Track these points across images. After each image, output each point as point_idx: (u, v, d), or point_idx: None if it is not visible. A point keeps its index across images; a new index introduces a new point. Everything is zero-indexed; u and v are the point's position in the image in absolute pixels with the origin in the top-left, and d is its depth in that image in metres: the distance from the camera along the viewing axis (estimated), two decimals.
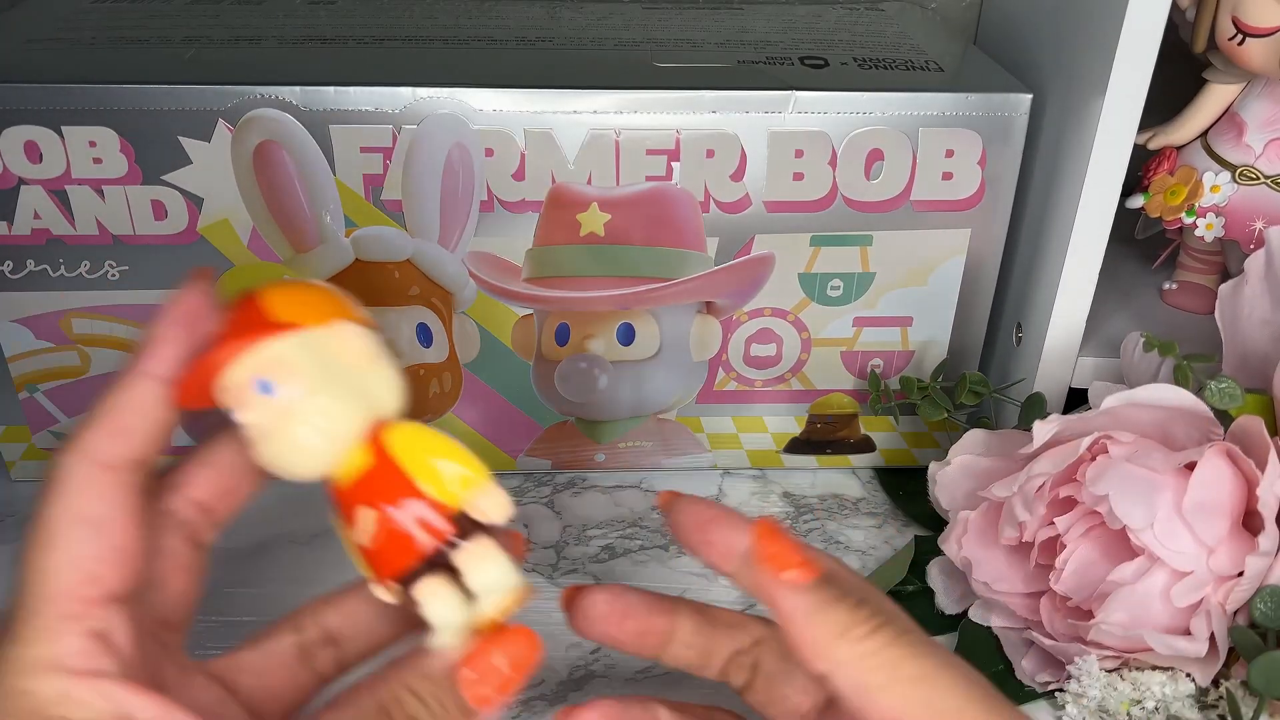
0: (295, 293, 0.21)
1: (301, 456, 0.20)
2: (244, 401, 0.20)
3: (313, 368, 0.20)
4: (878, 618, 0.20)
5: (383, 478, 0.21)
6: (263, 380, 0.20)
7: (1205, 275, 0.43)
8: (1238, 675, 0.31)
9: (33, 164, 0.35)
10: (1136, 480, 0.31)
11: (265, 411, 0.20)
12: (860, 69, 0.38)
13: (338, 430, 0.20)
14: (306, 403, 0.20)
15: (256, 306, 0.21)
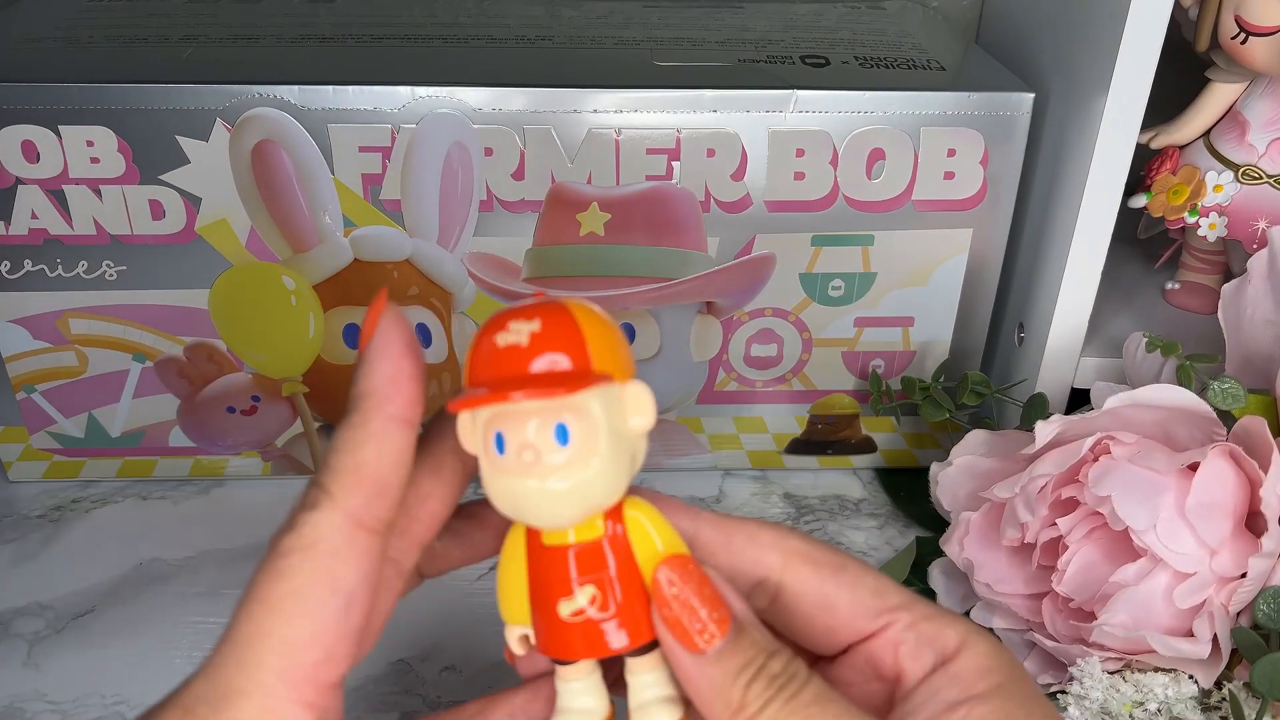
0: (608, 338, 0.19)
1: (555, 514, 0.19)
2: (521, 445, 0.19)
3: (608, 429, 0.19)
4: (779, 680, 0.19)
5: (617, 560, 0.20)
6: (561, 425, 0.19)
7: (1208, 275, 0.43)
8: (1240, 677, 0.31)
9: (30, 164, 0.35)
10: (1139, 481, 0.31)
11: (539, 461, 0.19)
12: (861, 68, 0.38)
13: (603, 500, 0.19)
14: (589, 464, 0.19)
15: (567, 340, 0.19)
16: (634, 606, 0.20)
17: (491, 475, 0.19)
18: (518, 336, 0.19)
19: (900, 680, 0.21)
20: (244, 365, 0.39)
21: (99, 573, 0.38)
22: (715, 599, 0.19)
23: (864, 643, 0.21)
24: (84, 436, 0.41)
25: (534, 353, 0.19)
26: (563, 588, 0.19)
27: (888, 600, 0.21)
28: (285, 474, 0.42)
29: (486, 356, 0.19)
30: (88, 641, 0.35)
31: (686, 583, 0.19)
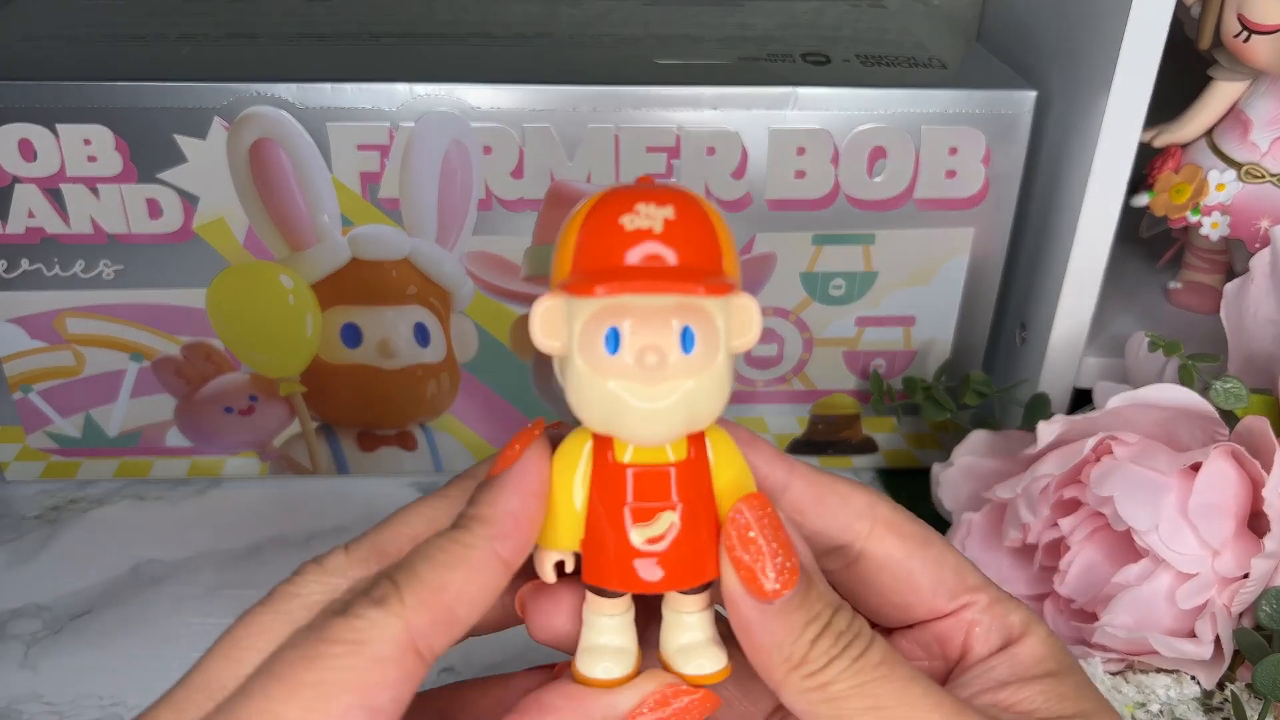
0: (731, 239, 0.18)
1: (658, 427, 0.18)
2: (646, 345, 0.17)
3: (725, 341, 0.17)
4: (844, 638, 0.18)
5: (697, 488, 0.18)
6: (688, 329, 0.17)
7: (1210, 274, 0.43)
8: (1243, 678, 0.31)
9: (27, 162, 0.35)
10: (1141, 482, 0.30)
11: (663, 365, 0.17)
12: (862, 66, 0.37)
13: (706, 418, 0.18)
14: (706, 376, 0.17)
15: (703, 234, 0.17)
16: (704, 540, 0.18)
17: (589, 377, 0.17)
18: (649, 221, 0.17)
19: (963, 659, 0.20)
20: (241, 365, 0.39)
21: (96, 574, 0.38)
22: (788, 545, 0.18)
23: (934, 621, 0.21)
24: (81, 436, 0.40)
25: (670, 242, 0.17)
26: (640, 513, 0.18)
27: (967, 581, 0.20)
28: (283, 474, 0.42)
29: (607, 238, 0.17)
30: (85, 642, 0.35)
31: (763, 525, 0.18)
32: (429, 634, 0.17)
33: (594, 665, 0.19)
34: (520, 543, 0.18)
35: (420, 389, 0.40)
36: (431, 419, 0.41)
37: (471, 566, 0.17)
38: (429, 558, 0.17)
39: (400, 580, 0.17)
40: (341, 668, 0.16)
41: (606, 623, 0.19)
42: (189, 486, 0.42)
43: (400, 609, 0.17)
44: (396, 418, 0.41)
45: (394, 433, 0.41)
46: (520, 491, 0.18)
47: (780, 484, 0.20)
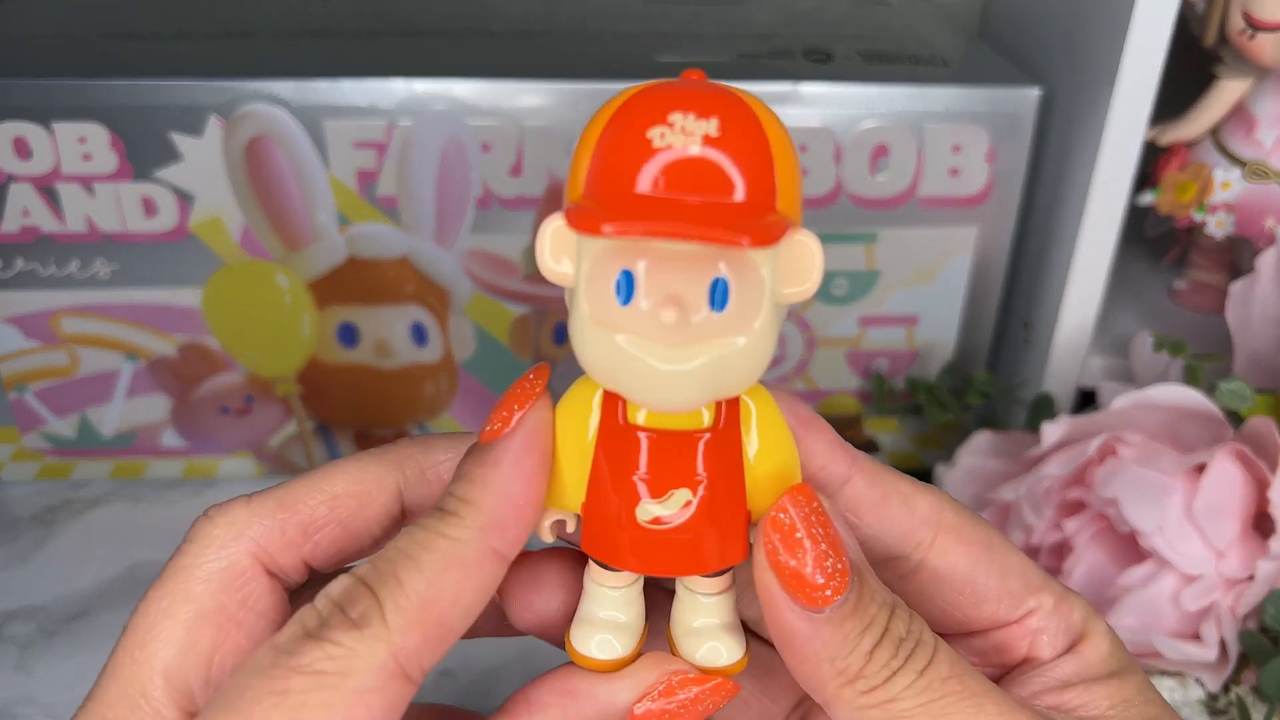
0: (793, 161, 0.15)
1: (676, 394, 0.14)
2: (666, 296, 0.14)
3: (770, 295, 0.14)
4: (905, 646, 0.16)
5: (722, 461, 0.15)
6: (720, 281, 0.14)
7: (1215, 274, 0.43)
8: (1248, 681, 0.31)
9: (21, 160, 0.35)
10: (1146, 483, 0.30)
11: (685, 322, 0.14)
12: (865, 62, 0.37)
13: (738, 386, 0.15)
14: (740, 339, 0.14)
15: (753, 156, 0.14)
16: (726, 522, 0.15)
17: (595, 325, 0.14)
18: (684, 138, 0.13)
19: (1025, 663, 0.18)
20: (237, 365, 0.39)
21: (91, 575, 0.38)
22: (838, 544, 0.15)
23: (996, 629, 0.18)
24: (76, 437, 0.40)
25: (707, 174, 0.13)
26: (650, 486, 0.15)
27: (1032, 584, 0.18)
28: (279, 475, 0.42)
29: (629, 158, 0.13)
30: (80, 645, 0.35)
31: (810, 524, 0.15)
32: (418, 654, 0.14)
33: (588, 640, 0.16)
34: (520, 534, 0.15)
35: (418, 389, 0.40)
36: (429, 419, 0.41)
37: (465, 568, 0.15)
38: (413, 559, 0.15)
39: (383, 596, 0.14)
40: (318, 705, 0.14)
41: (609, 594, 0.16)
42: (185, 488, 0.42)
43: (384, 631, 0.14)
44: (394, 418, 0.41)
45: (391, 433, 0.41)
46: (521, 468, 0.15)
47: (839, 477, 0.18)
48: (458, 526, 0.15)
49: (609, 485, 0.15)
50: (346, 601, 0.15)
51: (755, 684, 0.19)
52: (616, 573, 0.16)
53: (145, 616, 0.16)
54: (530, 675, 0.17)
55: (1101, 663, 0.18)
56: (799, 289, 0.15)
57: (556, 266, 0.14)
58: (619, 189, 0.13)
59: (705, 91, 0.14)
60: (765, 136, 0.14)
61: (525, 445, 0.15)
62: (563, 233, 0.14)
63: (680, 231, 0.13)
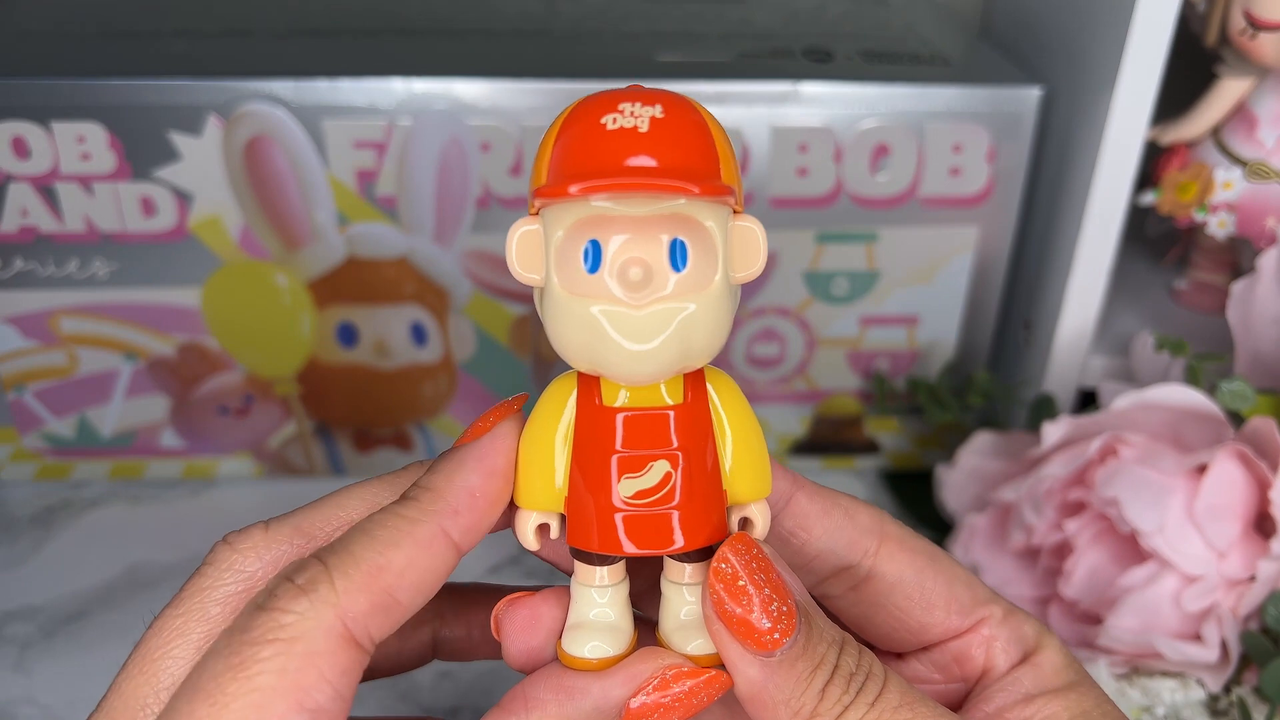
0: (730, 148, 0.16)
1: (646, 359, 0.15)
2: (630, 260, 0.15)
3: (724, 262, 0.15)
4: (856, 680, 0.16)
5: (696, 437, 0.16)
6: (679, 242, 0.15)
7: (1217, 274, 0.43)
8: (1249, 681, 0.30)
9: (20, 160, 0.34)
10: (1147, 483, 0.30)
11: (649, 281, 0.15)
12: (865, 62, 0.37)
13: (703, 352, 0.16)
14: (701, 298, 0.15)
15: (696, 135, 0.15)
16: (705, 496, 0.16)
17: (567, 300, 0.15)
18: (635, 120, 0.15)
19: (984, 676, 0.19)
20: (236, 365, 0.39)
21: (90, 576, 0.38)
22: (782, 588, 0.16)
23: (951, 640, 0.19)
24: (75, 437, 0.40)
25: (658, 145, 0.15)
26: (629, 462, 0.16)
27: (979, 595, 0.19)
28: (278, 475, 0.42)
29: (586, 140, 0.15)
30: (79, 646, 0.35)
31: (752, 571, 0.16)
32: (366, 620, 0.15)
33: (581, 644, 0.17)
34: (474, 523, 0.16)
35: (417, 389, 0.40)
36: (429, 419, 0.41)
37: (416, 543, 0.15)
38: (366, 533, 0.15)
39: (331, 562, 0.15)
40: (271, 671, 0.14)
41: (595, 595, 0.17)
42: (184, 488, 0.42)
43: (332, 595, 0.15)
44: (393, 418, 0.41)
45: (391, 433, 0.41)
46: (482, 467, 0.16)
47: (783, 494, 0.19)
48: (413, 508, 0.16)
49: (590, 467, 0.16)
50: (294, 571, 0.15)
51: (725, 710, 0.20)
52: (602, 570, 0.17)
53: (159, 634, 0.17)
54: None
55: (1057, 674, 0.19)
56: (747, 271, 0.16)
57: (525, 271, 0.16)
58: (580, 166, 0.15)
59: (649, 89, 0.16)
60: (704, 122, 0.16)
61: (490, 447, 0.16)
62: (529, 237, 0.16)
63: (639, 185, 0.14)
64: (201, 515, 0.41)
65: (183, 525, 0.40)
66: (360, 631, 0.15)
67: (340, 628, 0.15)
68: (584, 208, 0.15)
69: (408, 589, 0.15)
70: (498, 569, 0.38)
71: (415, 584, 0.16)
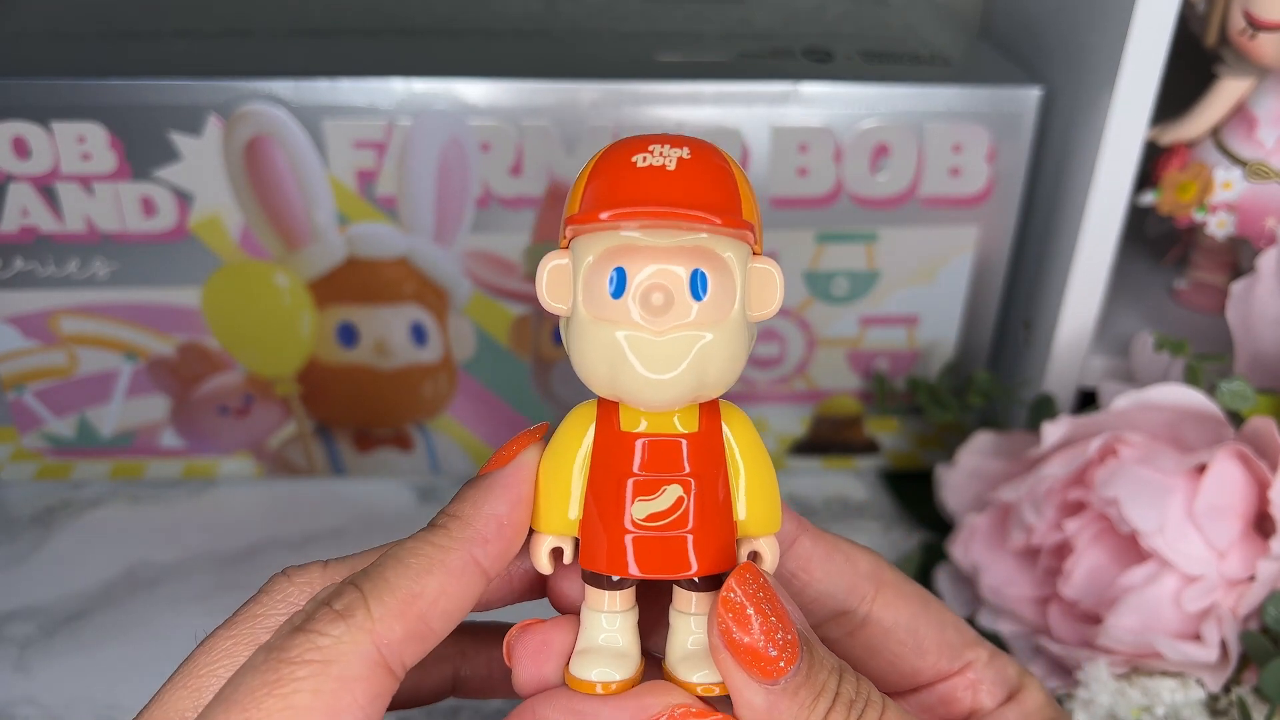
0: (751, 192, 0.17)
1: (664, 383, 0.16)
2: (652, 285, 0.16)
3: (741, 295, 0.16)
4: (856, 707, 0.17)
5: (710, 464, 0.17)
6: (700, 273, 0.16)
7: (1216, 274, 0.43)
8: (1249, 681, 0.30)
9: (20, 160, 0.34)
10: (1146, 483, 0.30)
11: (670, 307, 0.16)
12: (865, 62, 0.37)
13: (718, 381, 0.16)
14: (720, 328, 0.16)
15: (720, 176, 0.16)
16: (716, 524, 0.17)
17: (592, 324, 0.16)
18: (663, 160, 0.16)
19: (971, 717, 0.20)
20: (237, 365, 0.39)
21: (90, 576, 0.38)
22: (786, 617, 0.17)
23: (940, 682, 0.20)
24: (75, 437, 0.40)
25: (684, 182, 0.16)
26: (643, 485, 0.17)
27: (966, 637, 0.20)
28: (279, 475, 0.42)
29: (618, 177, 0.16)
30: (79, 645, 0.35)
31: (758, 601, 0.16)
32: (400, 647, 0.15)
33: (589, 669, 0.17)
34: (502, 550, 0.17)
35: (417, 389, 0.40)
36: (429, 420, 0.41)
37: (448, 571, 0.16)
38: (400, 561, 0.16)
39: (367, 588, 0.15)
40: (306, 690, 0.14)
41: (604, 621, 0.18)
42: (184, 488, 0.42)
43: (368, 621, 0.15)
44: (393, 418, 0.41)
45: (391, 433, 0.41)
46: (509, 495, 0.17)
47: (788, 536, 0.19)
48: (444, 536, 0.16)
49: (605, 489, 0.17)
50: (332, 597, 0.16)
51: None
52: (612, 595, 0.17)
53: (209, 652, 0.17)
54: None
55: (1039, 711, 0.20)
56: (764, 310, 0.17)
57: (554, 301, 0.17)
58: (611, 198, 0.16)
59: (680, 136, 0.17)
60: (728, 165, 0.17)
61: (515, 475, 0.17)
62: (559, 270, 0.17)
63: (665, 214, 0.15)
64: (201, 515, 0.41)
65: (183, 525, 0.40)
66: (394, 658, 0.15)
67: (375, 654, 0.15)
68: (612, 238, 0.16)
69: (440, 616, 0.16)
70: None
71: (447, 611, 0.16)
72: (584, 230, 0.16)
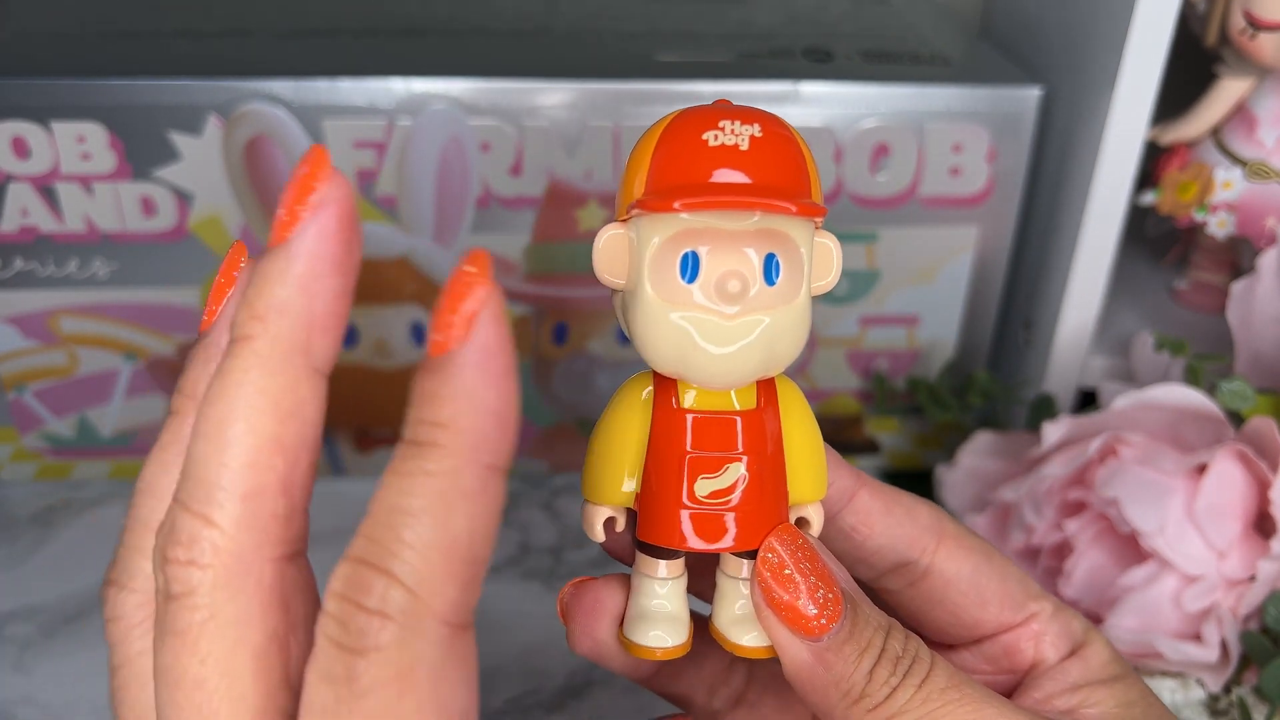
0: (815, 167, 0.17)
1: (734, 364, 0.16)
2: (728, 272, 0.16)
3: (809, 275, 0.17)
4: (903, 663, 0.17)
5: (769, 440, 0.17)
6: (773, 257, 0.16)
7: (1217, 274, 0.43)
8: (1249, 681, 0.30)
9: (20, 160, 0.34)
10: (1147, 483, 0.30)
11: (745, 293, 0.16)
12: (865, 62, 0.37)
13: (784, 359, 0.16)
14: (789, 311, 0.16)
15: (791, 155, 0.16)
16: (771, 499, 0.17)
17: (659, 307, 0.16)
18: (735, 139, 0.16)
19: (1034, 668, 0.20)
20: None
21: (90, 576, 0.38)
22: (828, 576, 0.17)
23: (1002, 634, 0.20)
24: (75, 437, 0.40)
25: (759, 164, 0.15)
26: (706, 463, 0.17)
27: (1030, 590, 0.20)
28: None
29: (688, 154, 0.15)
30: (79, 645, 0.35)
31: (799, 560, 0.17)
32: (460, 604, 0.13)
33: (644, 632, 0.18)
34: (509, 444, 0.13)
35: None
36: None
37: (467, 499, 0.12)
38: (408, 513, 0.13)
39: (395, 568, 0.13)
40: (404, 712, 0.12)
41: (657, 588, 0.18)
42: None
43: (419, 605, 0.12)
44: (393, 418, 0.41)
45: (391, 433, 0.41)
46: (489, 377, 0.13)
47: (847, 490, 0.19)
48: (441, 457, 0.13)
49: (665, 468, 0.17)
50: (360, 593, 0.13)
51: (777, 700, 0.21)
52: (666, 563, 0.18)
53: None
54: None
55: (1104, 667, 0.20)
56: (824, 282, 0.17)
57: (610, 275, 0.17)
58: (682, 179, 0.16)
59: (746, 108, 0.16)
60: (798, 142, 0.16)
61: (485, 348, 0.13)
62: (615, 241, 0.16)
63: (744, 203, 0.15)
64: None
65: None
66: (462, 616, 0.13)
67: (445, 630, 0.13)
68: (682, 219, 0.16)
69: (481, 545, 0.13)
70: (498, 569, 0.38)
71: (485, 536, 0.13)
72: (652, 220, 0.16)
